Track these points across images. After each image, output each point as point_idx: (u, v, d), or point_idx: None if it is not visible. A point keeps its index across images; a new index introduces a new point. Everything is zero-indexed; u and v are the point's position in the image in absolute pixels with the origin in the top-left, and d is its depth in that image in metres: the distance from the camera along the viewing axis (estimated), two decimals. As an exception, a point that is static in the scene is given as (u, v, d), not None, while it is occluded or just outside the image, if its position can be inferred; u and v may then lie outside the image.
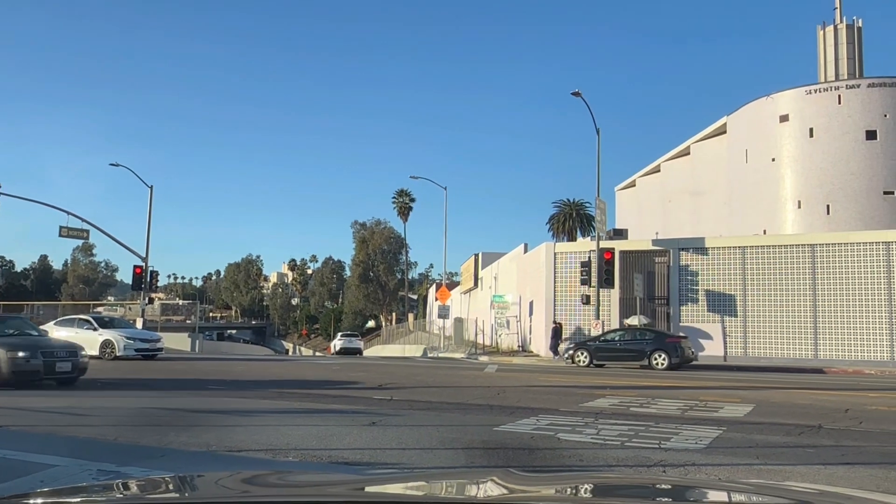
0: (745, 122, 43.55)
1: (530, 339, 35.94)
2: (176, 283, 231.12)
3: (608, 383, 16.58)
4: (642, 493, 2.24)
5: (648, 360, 24.66)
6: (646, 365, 24.65)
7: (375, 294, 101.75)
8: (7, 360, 13.06)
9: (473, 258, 53.74)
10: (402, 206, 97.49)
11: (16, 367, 13.12)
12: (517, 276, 39.61)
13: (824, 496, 2.19)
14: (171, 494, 2.14)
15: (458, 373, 19.51)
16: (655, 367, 24.33)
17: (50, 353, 13.85)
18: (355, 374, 17.79)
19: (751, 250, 30.44)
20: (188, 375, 16.81)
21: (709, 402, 12.46)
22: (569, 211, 61.44)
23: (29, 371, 13.30)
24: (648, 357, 24.74)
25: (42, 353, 13.58)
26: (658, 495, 2.19)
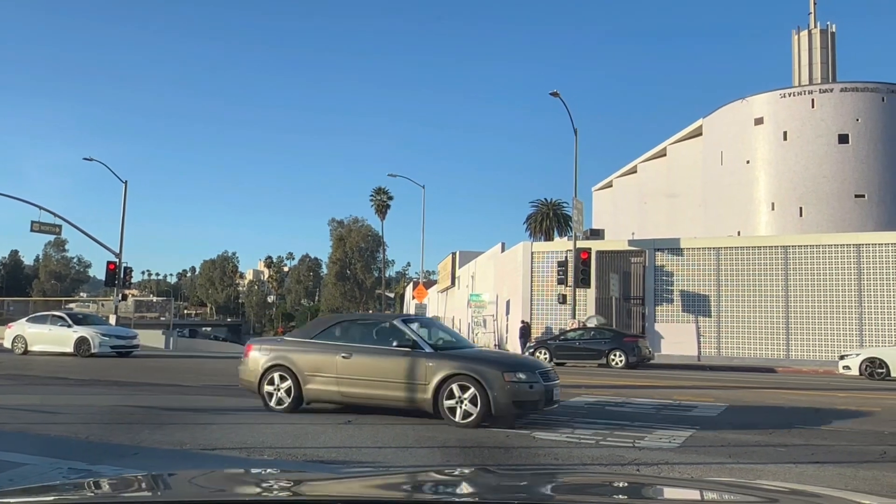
0: (720, 124, 44.09)
1: (507, 338, 36.05)
2: (150, 279, 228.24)
3: (584, 382, 16.68)
4: (614, 492, 2.24)
5: (606, 359, 25.24)
6: (604, 364, 25.21)
7: (352, 292, 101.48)
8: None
9: (451, 257, 53.81)
10: (379, 204, 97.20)
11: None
12: (494, 276, 39.72)
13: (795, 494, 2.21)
14: (143, 493, 2.11)
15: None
16: (613, 366, 24.86)
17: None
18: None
19: (725, 251, 30.81)
20: (162, 373, 16.64)
21: (683, 402, 12.59)
22: (546, 211, 61.71)
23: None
24: (606, 356, 25.31)
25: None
26: (629, 494, 2.20)
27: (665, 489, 2.54)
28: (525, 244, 34.53)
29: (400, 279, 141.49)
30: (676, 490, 2.50)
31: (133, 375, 15.70)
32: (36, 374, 15.46)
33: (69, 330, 22.73)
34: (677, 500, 2.17)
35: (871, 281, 28.33)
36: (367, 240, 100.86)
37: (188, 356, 26.78)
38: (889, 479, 6.57)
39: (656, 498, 2.21)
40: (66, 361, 19.98)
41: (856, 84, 40.44)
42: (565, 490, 2.27)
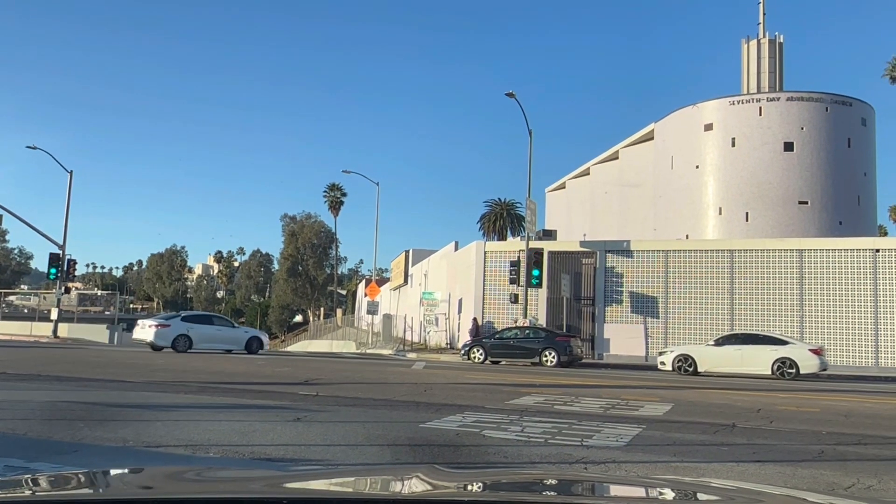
0: (671, 129, 44.95)
1: (459, 337, 36.13)
2: (95, 272, 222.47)
3: (534, 381, 16.83)
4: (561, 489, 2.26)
5: (539, 358, 26.01)
6: (536, 362, 25.99)
7: (304, 288, 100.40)
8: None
9: (404, 255, 53.72)
10: (333, 200, 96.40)
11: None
12: (447, 274, 39.77)
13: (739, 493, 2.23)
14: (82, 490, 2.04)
15: (386, 369, 19.46)
16: (545, 364, 25.61)
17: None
18: (280, 370, 17.51)
19: (673, 254, 31.43)
20: (105, 368, 16.19)
21: (630, 401, 12.79)
22: (500, 210, 62.11)
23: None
24: (539, 354, 26.08)
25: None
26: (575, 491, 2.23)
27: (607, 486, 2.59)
28: (478, 243, 34.68)
29: (353, 276, 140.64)
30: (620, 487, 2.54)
31: (75, 370, 15.25)
32: None
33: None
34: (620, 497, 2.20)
35: (812, 285, 29.24)
36: (320, 236, 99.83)
37: (133, 351, 26.12)
38: (826, 477, 6.77)
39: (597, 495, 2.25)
40: (4, 355, 19.29)
41: (801, 94, 41.68)
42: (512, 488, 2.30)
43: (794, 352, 23.28)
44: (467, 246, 36.15)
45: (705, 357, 24.18)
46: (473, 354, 27.35)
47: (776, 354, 23.19)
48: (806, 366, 22.93)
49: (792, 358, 23.01)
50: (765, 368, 23.18)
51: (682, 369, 24.06)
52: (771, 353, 23.38)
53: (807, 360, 23.08)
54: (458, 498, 1.98)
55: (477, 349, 27.55)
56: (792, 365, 22.85)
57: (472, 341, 29.00)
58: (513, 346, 27.32)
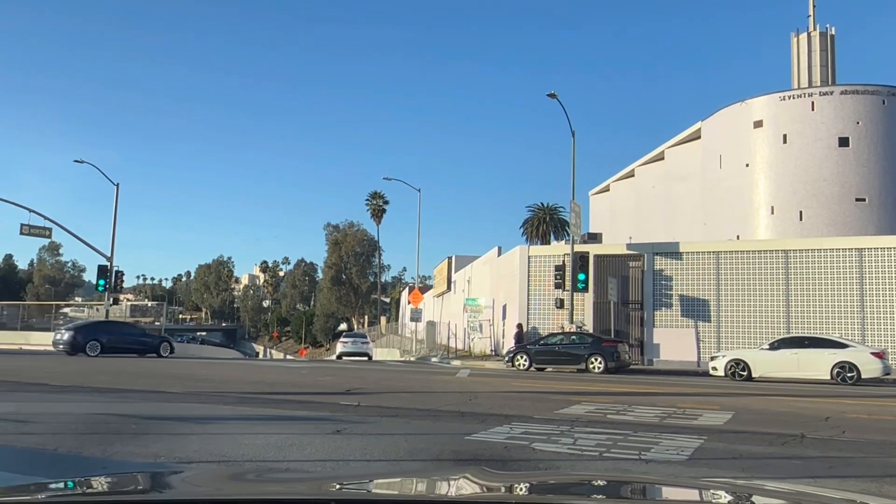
0: (719, 127, 43.70)
1: (503, 343, 35.53)
2: (145, 284, 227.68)
3: (582, 389, 16.20)
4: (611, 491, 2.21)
5: (586, 364, 25.33)
6: (583, 369, 25.31)
7: (348, 297, 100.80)
8: None
9: (447, 261, 53.31)
10: (375, 208, 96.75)
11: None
12: (491, 280, 39.23)
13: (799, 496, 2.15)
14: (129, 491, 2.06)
15: (430, 377, 19.01)
16: (592, 371, 24.94)
17: None
18: (323, 379, 17.20)
19: (725, 255, 30.38)
20: (147, 379, 16.08)
21: (687, 410, 12.09)
22: (543, 215, 61.42)
23: None
24: (586, 361, 25.40)
25: None
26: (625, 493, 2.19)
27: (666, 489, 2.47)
28: (522, 248, 34.07)
29: (396, 284, 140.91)
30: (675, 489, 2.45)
31: (117, 381, 15.15)
32: (18, 380, 14.90)
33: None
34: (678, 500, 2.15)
35: (873, 285, 27.92)
36: (363, 244, 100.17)
37: (178, 360, 26.20)
38: (918, 495, 6.08)
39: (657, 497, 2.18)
40: (45, 366, 19.42)
41: (856, 87, 40.10)
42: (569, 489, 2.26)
43: (854, 355, 22.22)
44: (510, 251, 35.58)
45: (760, 362, 23.22)
46: (518, 361, 26.87)
47: (835, 358, 22.18)
48: (868, 370, 21.88)
49: (852, 362, 21.99)
50: (823, 373, 22.23)
51: (735, 375, 23.17)
52: (830, 356, 22.39)
53: (868, 363, 22.03)
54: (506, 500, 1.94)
55: (521, 356, 27.06)
56: (852, 369, 21.83)
57: (516, 348, 28.47)
58: (558, 353, 26.73)
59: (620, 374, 24.91)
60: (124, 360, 25.00)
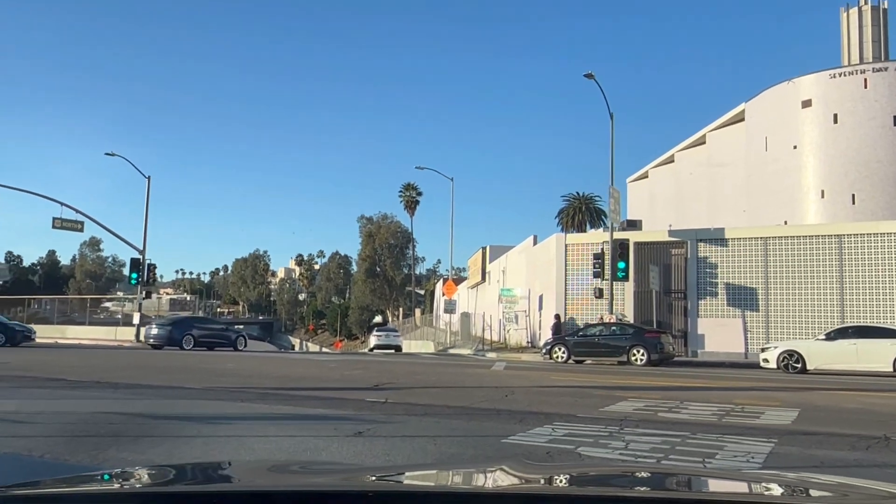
0: (764, 108, 41.85)
1: (540, 335, 34.45)
2: (184, 278, 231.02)
3: (627, 383, 15.12)
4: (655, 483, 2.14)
5: (627, 356, 24.29)
6: (624, 361, 24.25)
7: (382, 289, 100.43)
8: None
9: (481, 251, 52.31)
10: (408, 199, 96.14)
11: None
12: (526, 270, 38.16)
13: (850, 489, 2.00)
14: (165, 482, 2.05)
15: (464, 371, 18.07)
16: (633, 363, 23.86)
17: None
18: (351, 373, 16.37)
19: (773, 241, 28.87)
20: (170, 374, 15.42)
21: (746, 407, 10.97)
22: (578, 205, 60.21)
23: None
24: (627, 352, 24.36)
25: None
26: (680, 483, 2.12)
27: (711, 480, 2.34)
28: (558, 236, 32.93)
29: (431, 276, 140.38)
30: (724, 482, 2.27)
31: (138, 376, 14.50)
32: (35, 376, 14.34)
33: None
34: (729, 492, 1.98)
35: (934, 271, 26.23)
36: (397, 236, 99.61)
37: (207, 354, 25.69)
38: None
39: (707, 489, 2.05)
40: (73, 360, 18.94)
41: (912, 62, 38.03)
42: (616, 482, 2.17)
43: (920, 345, 20.79)
44: (546, 239, 34.44)
45: (815, 353, 21.89)
46: (556, 353, 25.95)
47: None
48: (934, 361, 20.45)
49: (918, 352, 20.56)
50: (885, 364, 20.86)
51: (788, 367, 21.90)
52: (891, 347, 21.01)
53: (935, 354, 20.59)
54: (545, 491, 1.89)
55: (559, 348, 26.12)
56: (918, 360, 20.41)
57: (553, 339, 27.48)
58: (598, 344, 25.73)
59: (664, 366, 23.76)
60: (150, 355, 24.59)
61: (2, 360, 18.65)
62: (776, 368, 22.03)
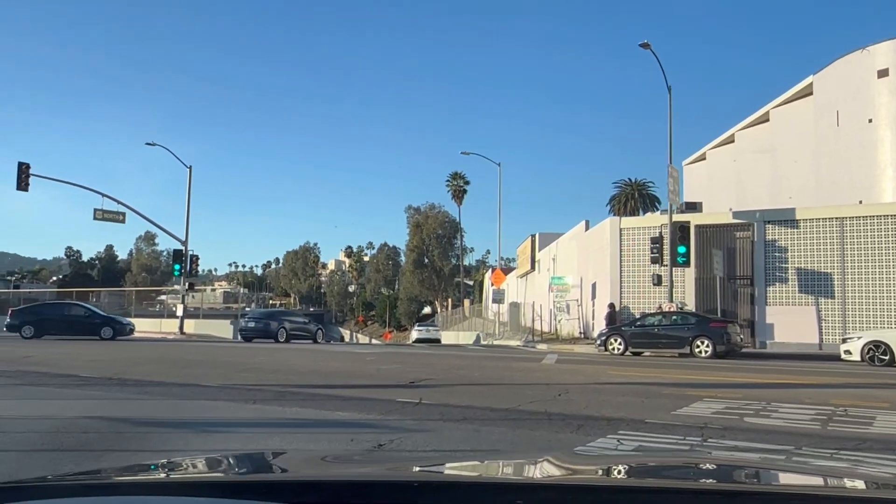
0: (835, 80, 38.85)
1: (593, 325, 32.55)
2: (237, 271, 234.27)
3: (698, 379, 13.32)
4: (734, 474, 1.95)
5: (690, 348, 22.53)
6: (686, 353, 22.47)
7: (430, 280, 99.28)
8: None
9: (530, 239, 50.44)
10: (456, 189, 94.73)
11: None
12: (578, 257, 36.27)
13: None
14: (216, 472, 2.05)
15: (512, 365, 16.47)
16: (697, 356, 22.08)
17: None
18: (388, 367, 14.96)
19: (850, 222, 26.42)
20: (191, 369, 14.25)
21: (849, 409, 9.15)
22: (630, 191, 58.10)
23: None
24: (690, 344, 22.58)
25: None
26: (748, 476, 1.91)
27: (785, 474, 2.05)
28: (612, 220, 30.94)
29: (479, 267, 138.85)
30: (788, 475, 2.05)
31: (155, 372, 13.34)
32: (48, 372, 13.30)
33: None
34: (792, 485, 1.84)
35: None
36: (444, 226, 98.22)
37: (239, 346, 24.63)
38: None
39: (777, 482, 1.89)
40: (100, 354, 17.97)
41: None
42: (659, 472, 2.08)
43: None
44: (600, 224, 32.49)
45: (905, 344, 19.66)
46: (611, 345, 24.20)
47: None
48: None
49: None
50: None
51: (874, 359, 19.74)
52: None
53: None
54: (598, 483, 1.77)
55: (615, 339, 24.33)
56: None
57: (609, 330, 25.67)
58: (657, 335, 23.83)
59: (731, 359, 21.78)
60: (182, 348, 23.66)
61: (25, 353, 17.83)
62: (860, 361, 19.89)
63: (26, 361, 15.40)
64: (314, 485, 1.70)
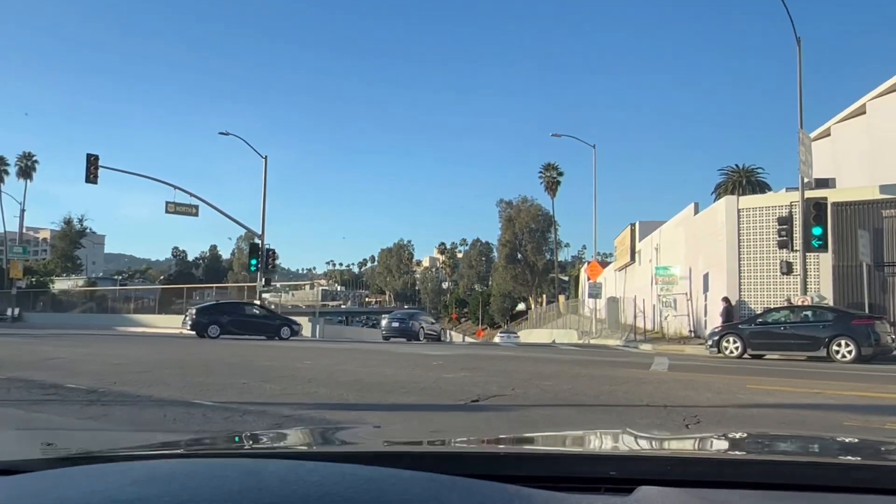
0: None
1: (705, 322, 28.40)
2: (335, 269, 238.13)
3: (881, 397, 9.55)
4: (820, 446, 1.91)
5: (827, 350, 18.75)
6: (822, 356, 18.71)
7: (523, 275, 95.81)
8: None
9: (629, 229, 46.20)
10: (549, 180, 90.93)
11: None
12: (685, 245, 32.09)
13: None
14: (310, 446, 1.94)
15: (613, 373, 12.97)
16: (835, 359, 18.32)
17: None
18: (453, 375, 11.83)
19: None
20: (207, 375, 11.61)
21: None
22: (738, 178, 53.60)
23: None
24: (827, 345, 18.77)
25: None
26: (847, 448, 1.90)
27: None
28: (729, 199, 26.78)
29: (575, 263, 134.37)
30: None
31: (157, 380, 10.75)
32: (40, 380, 10.93)
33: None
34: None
35: None
36: (538, 220, 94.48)
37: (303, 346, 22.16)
38: None
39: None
40: (136, 354, 15.76)
41: None
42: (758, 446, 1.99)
43: None
44: (713, 205, 28.35)
45: None
46: (726, 345, 20.57)
47: None
48: None
49: None
50: None
51: None
52: None
53: None
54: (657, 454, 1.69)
55: (731, 338, 20.66)
56: None
57: (723, 328, 21.87)
58: (784, 334, 19.99)
59: (879, 363, 17.67)
60: (216, 345, 21.38)
61: (48, 354, 15.78)
62: None
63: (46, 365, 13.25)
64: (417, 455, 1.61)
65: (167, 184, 34.45)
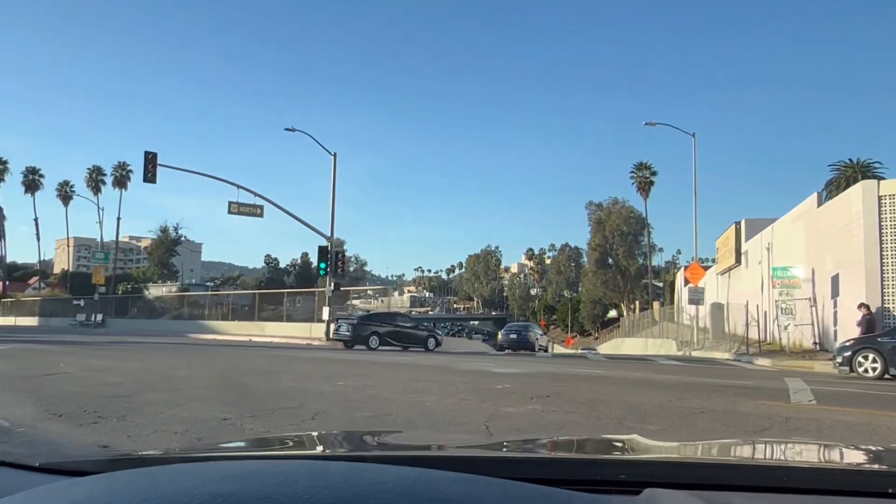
0: None
1: (835, 333, 23.96)
2: (423, 276, 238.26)
3: None
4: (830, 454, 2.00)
5: None
6: None
7: (614, 280, 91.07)
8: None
9: (733, 228, 41.56)
10: (641, 180, 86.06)
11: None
12: (806, 242, 27.62)
13: None
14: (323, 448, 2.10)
15: (740, 407, 9.30)
16: None
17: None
18: (515, 409, 8.53)
19: None
20: (222, 404, 8.87)
21: None
22: (851, 174, 48.77)
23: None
24: None
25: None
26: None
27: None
28: (866, 184, 22.34)
29: (669, 268, 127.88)
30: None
31: (160, 406, 8.09)
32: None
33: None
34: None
35: None
36: (629, 222, 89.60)
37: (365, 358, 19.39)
38: None
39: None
40: (175, 363, 13.34)
41: None
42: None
43: None
44: (845, 192, 23.93)
45: None
46: (861, 363, 16.65)
47: None
48: None
49: None
50: None
51: None
52: None
53: None
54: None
55: (867, 354, 16.79)
56: None
57: (855, 341, 17.77)
58: None
59: None
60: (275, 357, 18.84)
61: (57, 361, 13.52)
62: None
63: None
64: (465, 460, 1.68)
65: (230, 183, 32.68)
